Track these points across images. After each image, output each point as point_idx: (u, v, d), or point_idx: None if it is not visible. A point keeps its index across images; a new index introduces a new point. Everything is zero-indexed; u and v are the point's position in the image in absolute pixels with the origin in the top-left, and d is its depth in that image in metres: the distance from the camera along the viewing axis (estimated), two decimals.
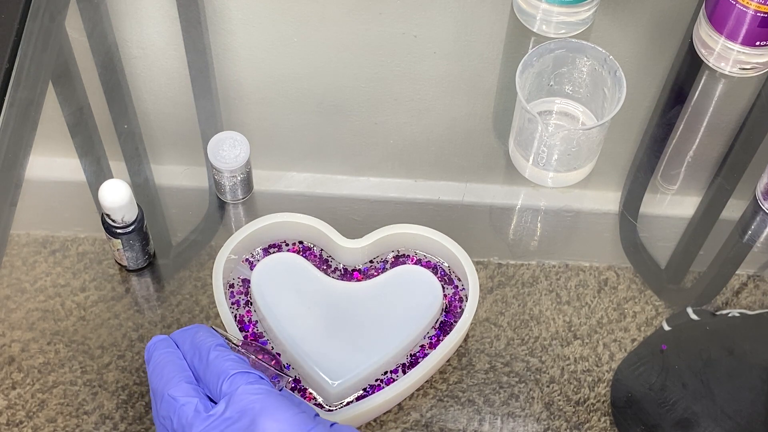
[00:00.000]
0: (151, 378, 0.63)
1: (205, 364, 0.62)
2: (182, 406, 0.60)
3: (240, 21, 0.93)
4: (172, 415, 0.61)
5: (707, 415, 0.75)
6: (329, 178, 0.85)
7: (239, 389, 0.60)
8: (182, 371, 0.62)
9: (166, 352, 0.64)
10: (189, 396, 0.61)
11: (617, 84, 0.79)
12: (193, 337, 0.64)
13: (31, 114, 0.87)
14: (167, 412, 0.61)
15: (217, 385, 0.61)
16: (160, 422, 0.63)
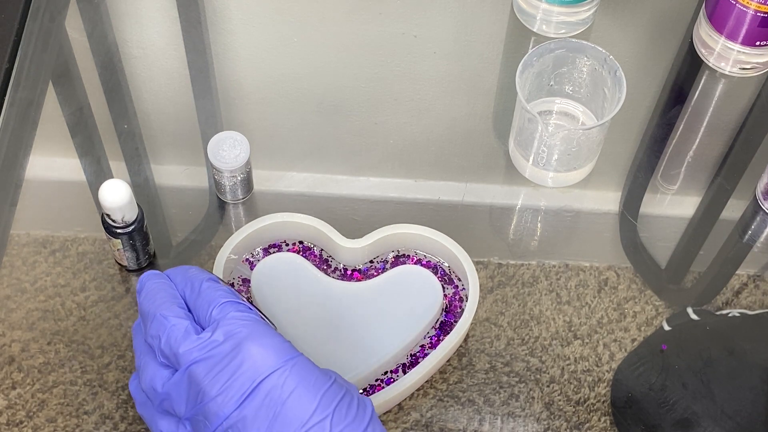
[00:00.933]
0: (142, 303, 0.64)
1: (196, 294, 0.63)
2: (173, 325, 0.61)
3: (240, 21, 0.93)
4: (161, 333, 0.62)
5: (707, 415, 0.75)
6: (329, 178, 0.85)
7: (228, 315, 0.61)
8: (174, 298, 0.64)
9: (159, 282, 0.65)
10: (180, 318, 0.62)
11: (617, 84, 0.79)
12: (186, 272, 0.65)
13: (31, 114, 0.87)
14: (156, 331, 0.62)
15: (207, 312, 0.62)
16: (145, 345, 0.63)
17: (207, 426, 0.60)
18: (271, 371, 0.59)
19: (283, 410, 0.58)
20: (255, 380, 0.59)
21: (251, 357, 0.59)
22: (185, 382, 0.60)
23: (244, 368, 0.59)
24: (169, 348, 0.61)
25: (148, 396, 0.63)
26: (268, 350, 0.60)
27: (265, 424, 0.58)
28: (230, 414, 0.59)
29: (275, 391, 0.59)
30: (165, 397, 0.61)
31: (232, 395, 0.59)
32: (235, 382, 0.59)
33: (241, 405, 0.59)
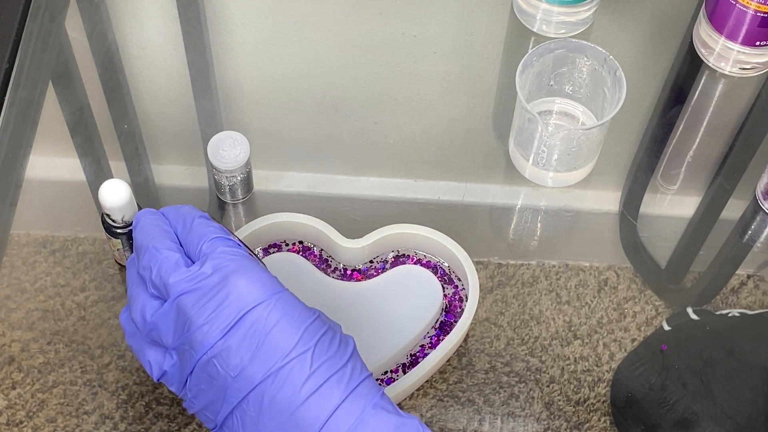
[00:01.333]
0: (137, 237, 0.65)
1: (188, 229, 0.64)
2: (164, 257, 0.63)
3: (240, 21, 0.93)
4: (152, 265, 0.63)
5: (707, 415, 0.75)
6: (329, 178, 0.85)
7: (217, 249, 0.63)
8: (167, 234, 0.65)
9: (153, 218, 0.66)
10: (171, 250, 0.63)
11: (617, 84, 0.79)
12: (179, 210, 0.67)
13: (31, 114, 0.87)
14: (148, 263, 0.63)
15: (197, 247, 0.63)
16: (137, 277, 0.65)
17: (192, 355, 0.61)
18: (256, 303, 0.60)
19: (267, 341, 0.60)
20: (240, 311, 0.60)
21: (237, 289, 0.61)
22: (173, 313, 0.62)
23: (230, 300, 0.60)
24: (159, 279, 0.62)
25: (138, 326, 0.64)
26: (254, 283, 0.61)
27: (249, 354, 0.60)
28: (215, 343, 0.60)
29: (259, 323, 0.60)
30: (153, 327, 0.63)
31: (218, 325, 0.60)
32: (221, 313, 0.60)
33: (225, 335, 0.60)
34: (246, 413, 0.60)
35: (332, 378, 0.60)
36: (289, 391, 0.59)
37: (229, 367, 0.60)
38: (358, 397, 0.60)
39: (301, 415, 0.59)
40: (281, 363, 0.59)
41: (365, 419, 0.60)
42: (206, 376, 0.61)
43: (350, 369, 0.61)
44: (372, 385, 0.62)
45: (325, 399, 0.59)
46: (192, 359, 0.61)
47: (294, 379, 0.59)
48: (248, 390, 0.60)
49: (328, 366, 0.60)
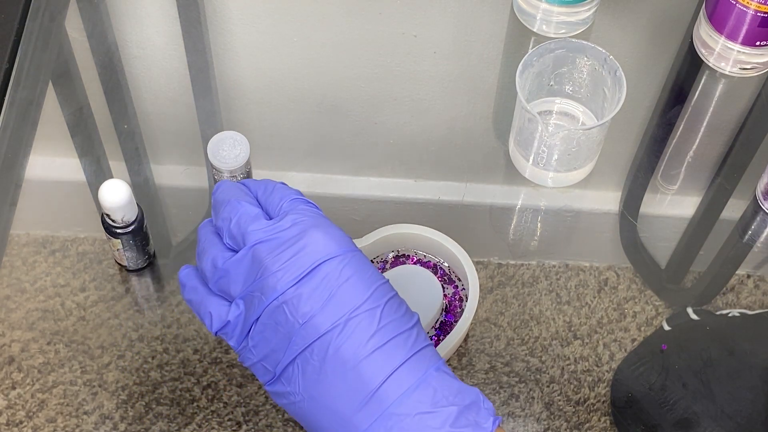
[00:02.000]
0: (217, 196, 0.67)
1: (270, 191, 0.66)
2: (245, 209, 0.64)
3: (240, 21, 0.93)
4: (233, 215, 0.64)
5: (707, 415, 0.75)
6: (329, 178, 0.85)
7: (298, 207, 0.64)
8: (248, 195, 0.66)
9: (234, 183, 0.68)
10: (252, 205, 0.65)
11: (617, 84, 0.79)
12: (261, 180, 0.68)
13: (31, 114, 0.87)
14: (229, 214, 0.64)
15: (278, 205, 0.65)
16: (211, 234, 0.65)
17: (262, 300, 0.61)
18: (332, 256, 0.62)
19: (338, 293, 0.61)
20: (315, 262, 0.61)
21: (315, 241, 0.62)
22: (247, 260, 0.62)
23: (307, 250, 0.62)
24: (238, 228, 0.63)
25: (206, 275, 0.64)
26: (331, 238, 0.63)
27: (319, 304, 0.60)
28: (286, 290, 0.61)
29: (333, 275, 0.61)
30: (224, 274, 0.63)
31: (292, 272, 0.61)
32: (296, 262, 0.61)
33: (298, 282, 0.61)
34: (308, 362, 0.60)
35: (398, 337, 0.60)
36: (355, 343, 0.60)
37: (298, 314, 0.60)
38: (421, 358, 0.61)
39: (364, 368, 0.59)
40: (350, 315, 0.60)
41: (428, 379, 0.60)
42: (273, 323, 0.61)
43: (415, 333, 0.61)
44: (434, 353, 0.62)
45: (389, 355, 0.60)
46: (261, 305, 0.61)
47: (361, 332, 0.60)
48: (314, 338, 0.60)
49: (394, 326, 0.61)
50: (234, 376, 0.76)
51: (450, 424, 0.59)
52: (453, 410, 0.59)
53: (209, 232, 0.66)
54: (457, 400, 0.60)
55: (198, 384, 0.76)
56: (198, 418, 0.75)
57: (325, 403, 0.60)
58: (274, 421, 0.75)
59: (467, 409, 0.60)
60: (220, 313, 0.63)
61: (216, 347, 0.77)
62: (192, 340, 0.77)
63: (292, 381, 0.61)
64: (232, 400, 0.75)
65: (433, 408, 0.59)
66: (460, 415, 0.59)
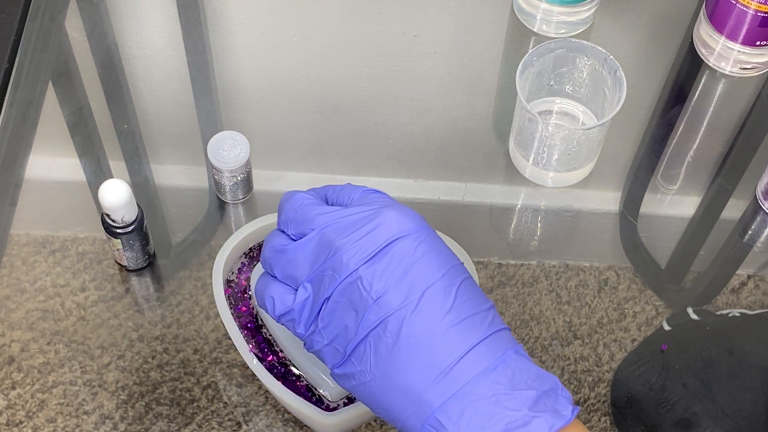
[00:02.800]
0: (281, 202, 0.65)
1: (339, 189, 0.65)
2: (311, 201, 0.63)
3: (240, 21, 0.93)
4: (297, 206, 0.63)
5: (707, 415, 0.75)
6: (329, 178, 0.85)
7: (370, 195, 0.63)
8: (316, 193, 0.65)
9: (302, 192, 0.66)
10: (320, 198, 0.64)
11: (617, 84, 0.79)
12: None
13: (31, 114, 0.87)
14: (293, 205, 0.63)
15: (350, 197, 0.64)
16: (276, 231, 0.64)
17: (334, 279, 0.60)
18: (407, 233, 0.60)
19: (413, 269, 0.59)
20: (390, 238, 0.60)
21: (388, 219, 0.61)
22: (315, 243, 0.61)
23: (381, 228, 0.60)
24: (304, 215, 0.62)
25: (270, 263, 0.63)
26: (405, 216, 0.61)
27: (394, 279, 0.59)
28: (359, 266, 0.59)
29: (407, 252, 0.60)
30: (291, 257, 0.62)
31: (365, 249, 0.60)
32: (369, 239, 0.60)
33: (372, 258, 0.60)
34: (381, 339, 0.59)
35: (474, 316, 0.59)
36: (430, 319, 0.58)
37: (372, 290, 0.59)
38: (498, 340, 0.59)
39: (439, 344, 0.58)
40: (425, 291, 0.59)
41: (506, 361, 0.58)
42: (345, 301, 0.60)
43: (492, 315, 0.60)
44: (512, 337, 0.61)
45: (466, 333, 0.58)
46: (333, 283, 0.60)
47: (436, 308, 0.58)
48: (388, 313, 0.59)
49: (470, 305, 0.59)
50: (234, 376, 0.76)
51: (528, 407, 0.57)
52: (532, 394, 0.57)
53: (274, 230, 0.65)
54: (536, 385, 0.58)
55: (198, 384, 0.76)
56: (198, 418, 0.75)
57: (397, 380, 0.59)
58: (274, 421, 0.75)
59: (546, 395, 0.58)
60: (283, 299, 0.62)
61: (216, 347, 0.77)
62: (192, 340, 0.77)
63: (363, 359, 0.60)
64: (232, 400, 0.75)
65: (511, 390, 0.57)
66: (539, 399, 0.57)
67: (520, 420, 0.56)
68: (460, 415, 0.57)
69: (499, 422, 0.56)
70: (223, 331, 0.78)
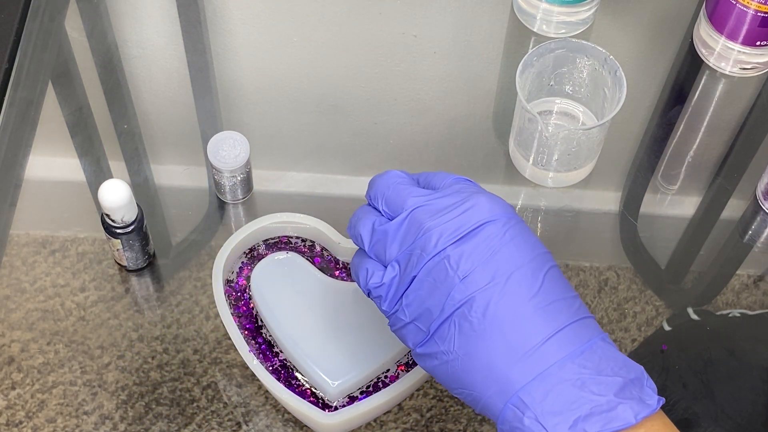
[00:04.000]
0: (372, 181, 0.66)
1: (431, 175, 0.65)
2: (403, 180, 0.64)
3: (240, 21, 0.93)
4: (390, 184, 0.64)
5: (708, 415, 0.75)
6: (329, 178, 0.85)
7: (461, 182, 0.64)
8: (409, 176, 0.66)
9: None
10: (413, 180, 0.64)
11: (617, 84, 0.79)
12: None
13: (30, 114, 0.87)
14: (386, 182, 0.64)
15: (442, 183, 0.64)
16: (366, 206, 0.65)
17: (422, 257, 0.60)
18: (497, 218, 0.61)
19: (501, 251, 0.60)
20: (479, 221, 0.60)
21: (479, 204, 0.61)
22: (406, 223, 0.61)
23: (471, 211, 0.61)
24: (396, 194, 0.63)
25: (362, 240, 0.64)
26: (495, 203, 0.62)
27: (481, 259, 0.59)
28: (447, 246, 0.60)
29: (496, 235, 0.60)
30: (381, 236, 0.62)
31: (455, 229, 0.60)
32: (459, 220, 0.60)
33: (461, 239, 0.60)
34: (466, 318, 0.59)
35: (561, 301, 0.59)
36: (517, 300, 0.58)
37: (459, 270, 0.59)
38: (585, 326, 0.59)
39: (525, 324, 0.58)
40: (512, 273, 0.59)
41: (593, 347, 0.58)
42: (431, 280, 0.60)
43: (579, 303, 0.60)
44: (598, 325, 0.61)
45: (552, 316, 0.58)
46: (420, 261, 0.60)
47: (524, 289, 0.59)
48: (474, 291, 0.59)
49: (557, 290, 0.59)
50: (234, 376, 0.76)
51: (614, 393, 0.57)
52: (618, 380, 0.57)
53: (364, 206, 0.65)
54: (622, 372, 0.58)
55: (198, 384, 0.76)
56: (198, 418, 0.75)
57: (481, 359, 0.58)
58: (274, 421, 0.75)
59: (631, 383, 0.58)
60: (375, 273, 0.62)
61: (216, 347, 0.77)
62: (192, 340, 0.77)
63: (447, 339, 0.59)
64: (232, 400, 0.75)
65: (597, 375, 0.57)
66: (625, 387, 0.57)
67: (605, 405, 0.56)
68: (544, 397, 0.57)
69: (583, 406, 0.56)
70: (223, 331, 0.78)
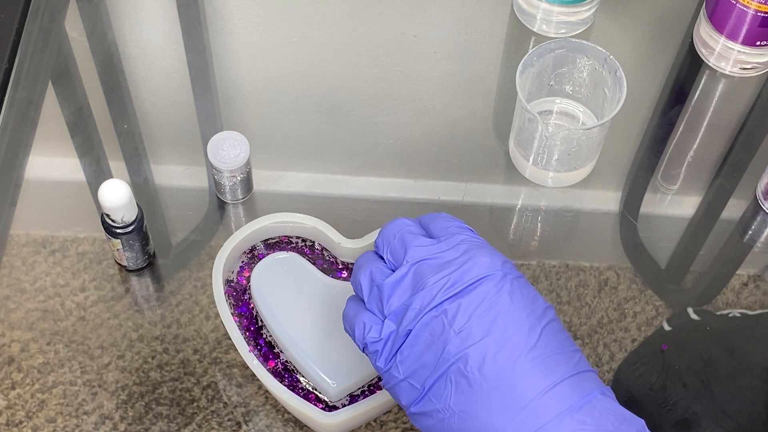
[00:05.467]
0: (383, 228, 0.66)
1: (433, 218, 0.65)
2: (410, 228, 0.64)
3: (240, 21, 0.93)
4: (396, 232, 0.63)
5: (708, 415, 0.75)
6: (329, 178, 0.85)
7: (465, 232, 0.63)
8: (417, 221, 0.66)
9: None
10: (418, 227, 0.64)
11: (617, 84, 0.79)
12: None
13: (30, 114, 0.87)
14: (392, 230, 0.64)
15: (445, 229, 0.64)
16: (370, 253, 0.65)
17: (419, 312, 0.60)
18: (494, 273, 0.60)
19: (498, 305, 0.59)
20: (478, 275, 0.60)
21: (479, 257, 0.61)
22: (408, 278, 0.61)
23: (469, 264, 0.60)
24: (401, 243, 0.62)
25: (362, 290, 0.63)
26: (496, 257, 0.61)
27: (478, 314, 0.59)
28: (444, 300, 0.59)
29: (494, 290, 0.60)
30: (381, 288, 0.62)
31: (452, 284, 0.60)
32: (458, 275, 0.60)
33: (458, 293, 0.60)
34: (462, 374, 0.58)
35: (559, 355, 0.58)
36: (513, 354, 0.57)
37: (455, 324, 0.58)
38: (585, 380, 0.58)
39: (522, 379, 0.57)
40: (509, 327, 0.58)
41: (593, 401, 0.58)
42: (427, 335, 0.59)
43: (578, 357, 0.60)
44: (599, 379, 0.60)
45: (550, 370, 0.57)
46: (417, 315, 0.60)
47: (520, 343, 0.58)
48: (470, 346, 0.58)
49: (556, 345, 0.59)
50: (234, 376, 0.76)
51: None
52: None
53: (368, 252, 0.65)
54: (624, 428, 0.57)
55: (198, 384, 0.76)
56: (198, 418, 0.75)
57: (478, 416, 0.58)
58: (274, 421, 0.75)
59: None
60: (373, 328, 0.62)
61: (216, 347, 0.77)
62: (192, 340, 0.77)
63: (442, 396, 0.59)
64: (232, 400, 0.75)
65: (597, 430, 0.56)
66: None
67: None
68: None
69: None
70: (223, 331, 0.78)
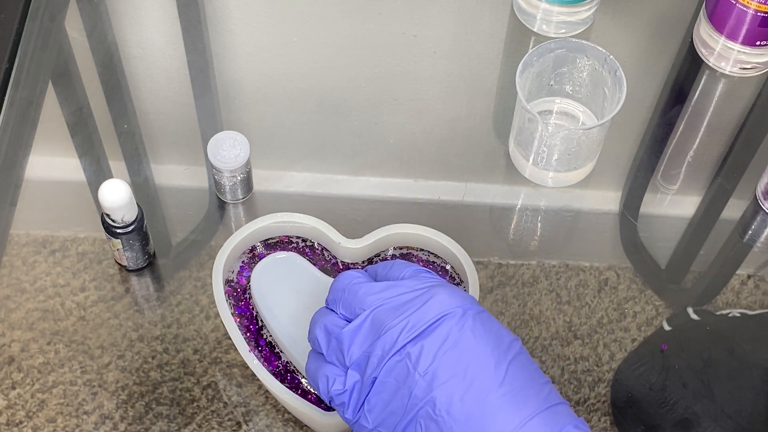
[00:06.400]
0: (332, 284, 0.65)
1: (389, 266, 0.64)
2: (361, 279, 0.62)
3: (240, 21, 0.93)
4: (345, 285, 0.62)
5: (708, 415, 0.75)
6: (329, 178, 0.85)
7: (421, 274, 0.62)
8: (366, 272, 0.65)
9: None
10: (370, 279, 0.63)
11: (617, 84, 0.79)
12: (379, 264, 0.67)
13: (30, 114, 0.87)
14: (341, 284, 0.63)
15: (400, 275, 0.63)
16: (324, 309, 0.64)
17: (382, 358, 0.59)
18: (454, 310, 0.59)
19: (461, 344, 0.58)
20: (439, 314, 0.59)
21: (438, 296, 0.59)
22: (366, 325, 0.60)
23: (429, 305, 0.59)
24: (353, 295, 0.61)
25: (319, 344, 0.62)
26: (455, 294, 0.60)
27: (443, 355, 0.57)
28: (407, 343, 0.58)
29: (455, 328, 0.58)
30: (340, 339, 0.61)
31: (414, 324, 0.59)
32: (417, 316, 0.59)
33: (419, 335, 0.58)
34: (431, 417, 0.57)
35: (529, 390, 0.57)
36: (481, 393, 0.56)
37: (420, 366, 0.57)
38: (556, 413, 0.57)
39: (492, 419, 0.56)
40: (475, 365, 0.57)
41: None
42: (392, 381, 0.58)
43: (548, 389, 0.58)
44: (571, 411, 0.59)
45: (520, 406, 0.56)
46: (380, 362, 0.59)
47: (487, 381, 0.57)
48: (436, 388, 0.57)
49: (524, 379, 0.57)
50: (234, 376, 0.76)
51: None
52: None
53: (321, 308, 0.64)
54: None
55: (198, 384, 0.76)
56: (198, 418, 0.75)
57: None
58: (274, 421, 0.75)
59: None
60: (336, 380, 0.61)
61: (216, 347, 0.77)
62: (192, 340, 0.77)
63: None
64: (232, 400, 0.75)
65: None
66: None
67: None
68: None
69: None
70: (223, 331, 0.78)
